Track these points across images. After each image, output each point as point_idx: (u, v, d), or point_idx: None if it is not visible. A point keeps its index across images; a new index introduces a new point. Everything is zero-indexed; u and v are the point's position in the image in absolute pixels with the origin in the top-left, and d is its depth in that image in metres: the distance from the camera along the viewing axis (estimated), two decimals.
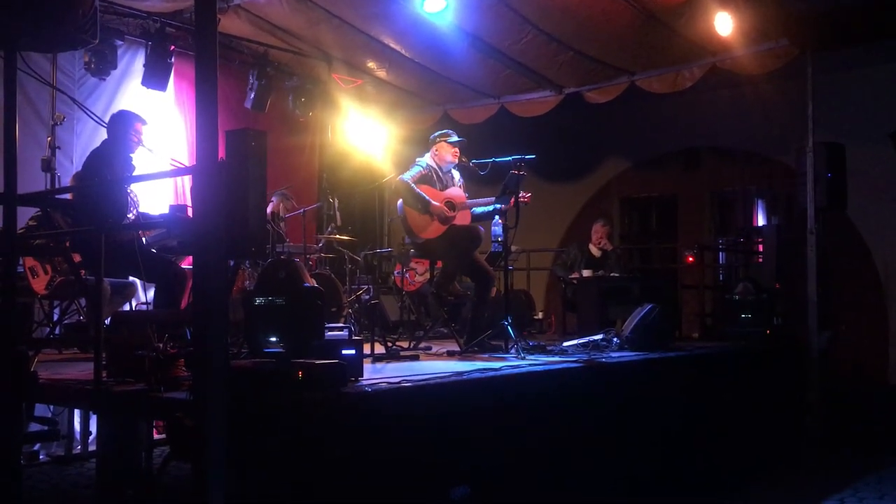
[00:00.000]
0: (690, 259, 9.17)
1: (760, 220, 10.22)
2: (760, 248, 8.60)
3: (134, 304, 6.31)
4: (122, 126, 5.44)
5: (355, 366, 3.83)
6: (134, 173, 5.46)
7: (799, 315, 7.16)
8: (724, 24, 6.72)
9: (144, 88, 7.35)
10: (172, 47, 7.29)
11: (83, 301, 5.74)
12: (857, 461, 6.38)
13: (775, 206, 10.09)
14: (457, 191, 6.24)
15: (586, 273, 7.75)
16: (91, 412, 5.84)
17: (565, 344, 6.02)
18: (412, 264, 8.31)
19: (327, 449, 3.31)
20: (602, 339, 6.04)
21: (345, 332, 4.15)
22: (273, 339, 3.91)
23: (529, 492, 4.25)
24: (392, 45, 7.87)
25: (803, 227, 7.06)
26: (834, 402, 6.97)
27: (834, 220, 7.73)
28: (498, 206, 6.01)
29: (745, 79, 7.77)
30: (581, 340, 6.08)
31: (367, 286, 7.73)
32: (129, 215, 5.23)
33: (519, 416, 4.27)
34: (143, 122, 5.54)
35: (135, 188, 5.43)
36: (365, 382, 3.78)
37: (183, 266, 5.73)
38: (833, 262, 7.69)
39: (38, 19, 3.11)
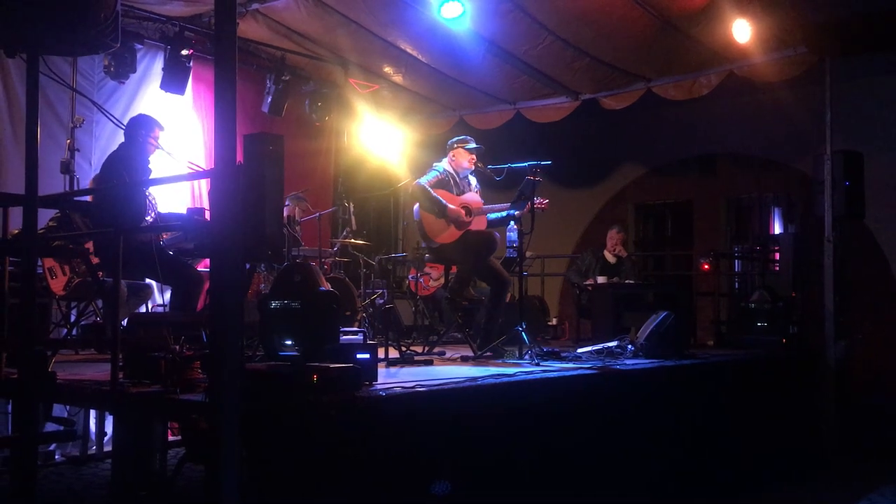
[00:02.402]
0: (706, 266, 9.12)
1: (777, 228, 10.15)
2: (777, 255, 8.55)
3: (150, 305, 6.36)
4: (141, 130, 5.49)
5: (370, 370, 3.84)
6: (151, 176, 5.51)
7: (815, 324, 7.11)
8: (742, 32, 6.69)
9: (163, 92, 7.41)
10: (191, 51, 7.35)
11: (100, 302, 5.78)
12: (874, 471, 6.32)
13: (792, 214, 10.02)
14: (473, 196, 6.25)
15: (601, 279, 7.73)
16: (107, 413, 5.88)
17: (579, 350, 6.01)
18: (427, 269, 8.32)
19: (341, 452, 3.32)
20: (616, 346, 6.02)
21: (359, 337, 4.16)
22: (288, 342, 3.91)
23: (544, 495, 4.24)
24: (408, 50, 7.89)
25: (820, 235, 7.01)
26: (850, 412, 6.92)
27: (851, 228, 7.68)
28: (513, 211, 6.02)
29: (763, 86, 7.74)
30: (595, 347, 6.07)
31: (381, 290, 7.75)
32: (147, 218, 5.26)
33: (533, 422, 4.26)
34: (161, 128, 5.59)
35: (152, 191, 5.47)
36: (379, 386, 3.79)
37: (199, 269, 5.77)
38: (850, 271, 7.63)
39: (60, 23, 3.13)
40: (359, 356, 3.77)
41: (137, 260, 5.01)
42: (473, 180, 6.37)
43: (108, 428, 6.26)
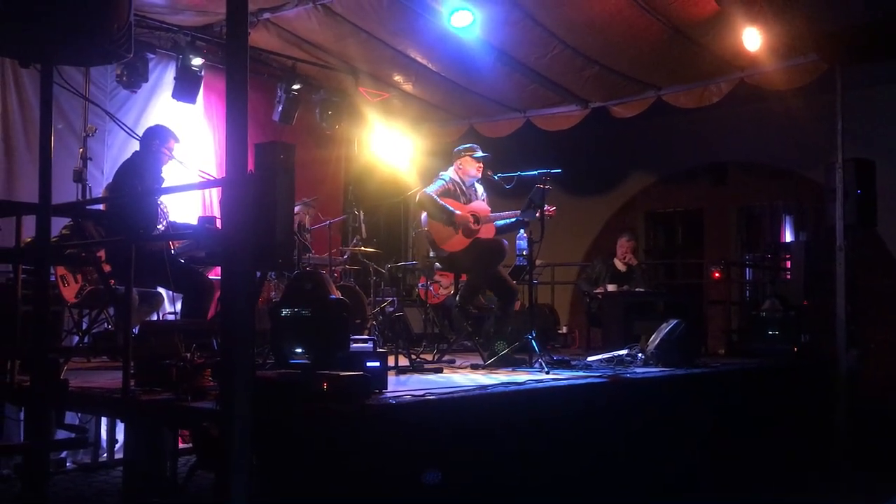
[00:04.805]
0: (717, 274, 9.08)
1: (788, 236, 10.11)
2: (788, 264, 8.51)
3: (161, 313, 6.39)
4: (156, 140, 5.53)
5: (380, 378, 3.84)
6: (163, 185, 5.54)
7: (827, 333, 7.07)
8: (752, 40, 6.68)
9: (174, 101, 7.46)
10: (202, 61, 7.40)
11: (112, 310, 5.80)
12: (887, 480, 6.27)
13: (803, 222, 9.97)
14: (481, 204, 6.25)
15: (611, 288, 7.71)
16: (118, 420, 5.90)
17: (590, 359, 6.00)
18: (436, 277, 8.32)
19: (351, 460, 3.32)
20: (627, 355, 6.01)
21: (369, 345, 4.17)
22: (299, 350, 3.93)
23: (554, 501, 4.23)
24: (419, 59, 7.92)
25: (832, 243, 6.97)
26: (862, 422, 6.86)
27: (863, 236, 7.63)
28: (521, 218, 6.02)
29: (773, 94, 7.72)
30: (605, 355, 6.06)
31: (391, 298, 7.75)
32: (159, 226, 5.29)
33: (543, 430, 4.25)
34: (177, 140, 5.63)
35: (164, 200, 5.51)
36: (389, 395, 3.79)
37: (210, 277, 5.79)
38: (862, 279, 7.58)
39: (74, 34, 3.16)
40: (369, 364, 3.78)
41: (149, 268, 5.03)
42: (480, 188, 6.38)
43: (120, 435, 6.28)
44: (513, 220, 6.17)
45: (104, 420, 6.24)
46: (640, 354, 5.97)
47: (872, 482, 6.33)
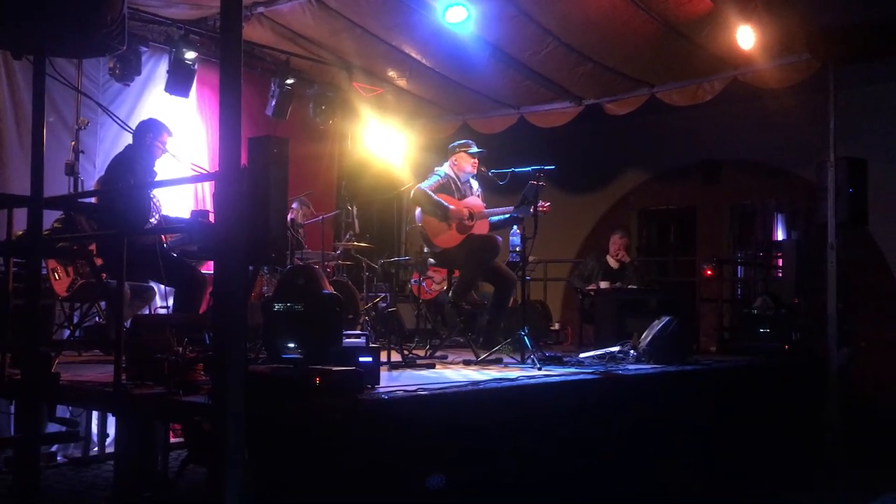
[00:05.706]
0: (709, 272, 9.11)
1: (780, 235, 10.15)
2: (780, 262, 8.54)
3: (153, 307, 6.37)
4: (149, 133, 5.52)
5: (372, 373, 3.85)
6: (155, 179, 5.53)
7: (818, 331, 7.10)
8: (745, 38, 6.70)
9: (167, 94, 7.43)
10: (196, 54, 7.38)
11: (103, 304, 5.79)
12: (878, 480, 6.30)
13: (795, 221, 10.01)
14: (475, 200, 6.26)
15: (604, 285, 7.73)
16: (110, 414, 5.88)
17: (582, 355, 6.01)
18: (429, 273, 8.32)
19: (344, 455, 3.32)
20: (619, 352, 6.02)
21: (362, 340, 4.17)
22: (291, 345, 3.93)
23: (547, 497, 4.24)
24: (413, 54, 7.91)
25: (824, 241, 7.00)
26: (853, 420, 6.90)
27: (855, 235, 7.66)
28: (515, 214, 6.02)
29: (767, 92, 7.74)
30: (598, 352, 6.07)
31: (384, 294, 7.75)
32: (152, 220, 5.28)
33: (534, 426, 4.26)
34: (170, 133, 5.62)
35: (157, 193, 5.49)
36: (381, 390, 3.80)
37: (203, 271, 5.78)
38: (854, 277, 7.62)
39: (67, 25, 3.14)
40: (361, 359, 3.78)
41: (141, 262, 5.02)
42: (475, 184, 6.38)
43: (111, 429, 6.27)
44: (507, 216, 6.17)
45: (95, 414, 6.22)
46: (632, 351, 5.99)
47: (864, 480, 6.36)
